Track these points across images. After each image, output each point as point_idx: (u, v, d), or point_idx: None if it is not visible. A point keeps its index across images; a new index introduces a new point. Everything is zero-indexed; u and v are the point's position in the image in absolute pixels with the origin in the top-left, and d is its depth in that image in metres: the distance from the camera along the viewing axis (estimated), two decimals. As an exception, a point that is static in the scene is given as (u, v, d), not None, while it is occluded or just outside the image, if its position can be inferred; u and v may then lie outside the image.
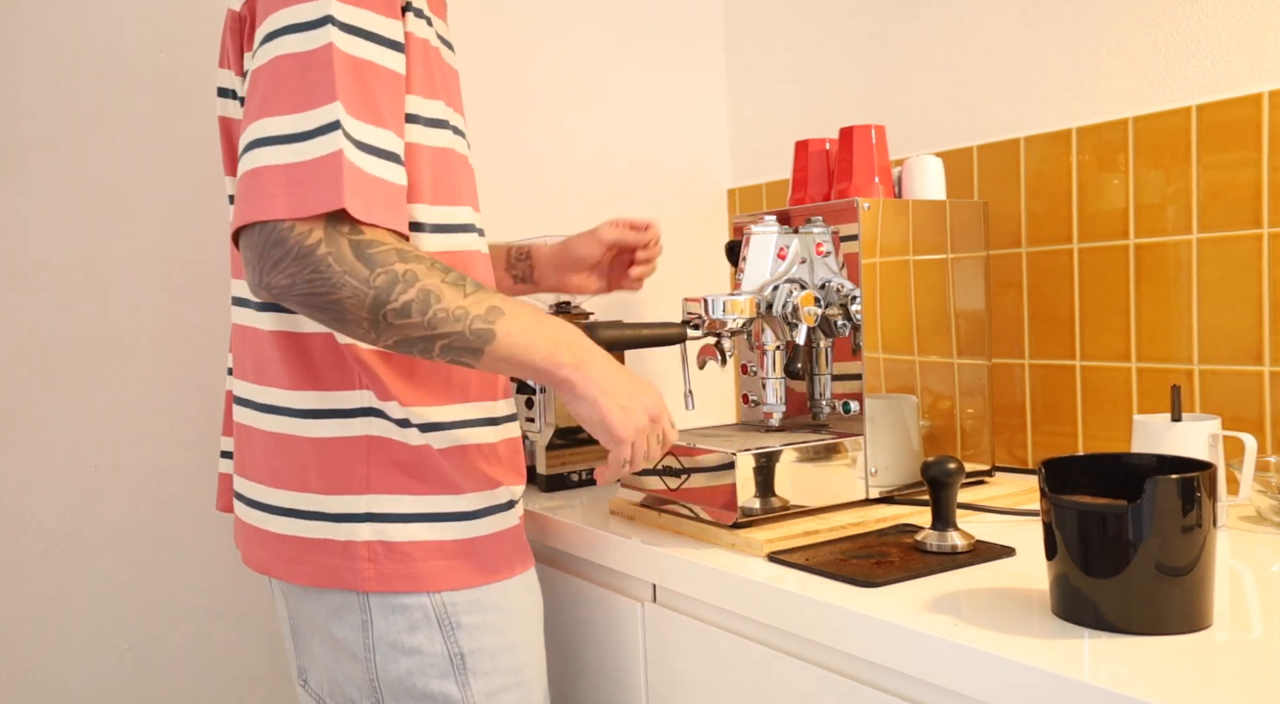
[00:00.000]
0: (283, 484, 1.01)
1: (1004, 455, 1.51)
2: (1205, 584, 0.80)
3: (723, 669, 1.07)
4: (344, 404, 0.99)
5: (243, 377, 1.06)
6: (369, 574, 0.98)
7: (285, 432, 1.01)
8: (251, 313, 1.04)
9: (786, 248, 1.26)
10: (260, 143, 0.87)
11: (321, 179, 0.85)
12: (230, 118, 1.08)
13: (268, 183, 0.85)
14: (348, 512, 0.99)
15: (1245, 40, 1.24)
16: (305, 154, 0.85)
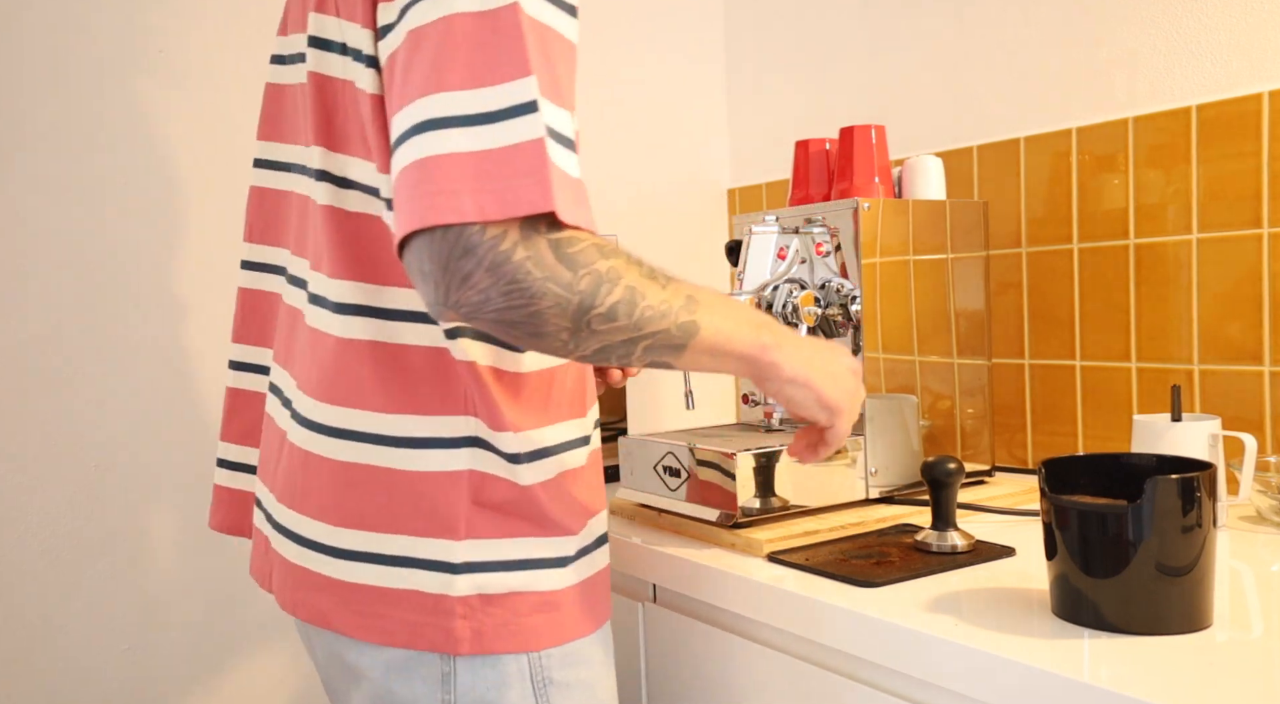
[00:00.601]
0: (361, 524, 0.84)
1: (1004, 455, 1.51)
2: (1205, 584, 0.80)
3: (723, 669, 1.07)
4: (448, 431, 0.83)
5: (307, 391, 0.88)
6: (463, 634, 0.83)
7: (372, 463, 0.84)
8: (325, 314, 0.86)
9: (786, 248, 1.26)
10: (435, 124, 0.69)
11: (520, 173, 0.69)
12: (285, 84, 0.97)
13: (451, 176, 0.68)
14: (444, 559, 0.83)
15: (1245, 40, 1.24)
16: (497, 140, 0.69)
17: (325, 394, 0.86)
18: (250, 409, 1.05)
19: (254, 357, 1.04)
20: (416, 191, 0.69)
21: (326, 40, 0.85)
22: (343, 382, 0.85)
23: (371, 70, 0.80)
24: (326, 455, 0.86)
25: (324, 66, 0.86)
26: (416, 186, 0.69)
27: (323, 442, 0.86)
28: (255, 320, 1.03)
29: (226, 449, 1.06)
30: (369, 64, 0.80)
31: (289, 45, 0.97)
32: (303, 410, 0.88)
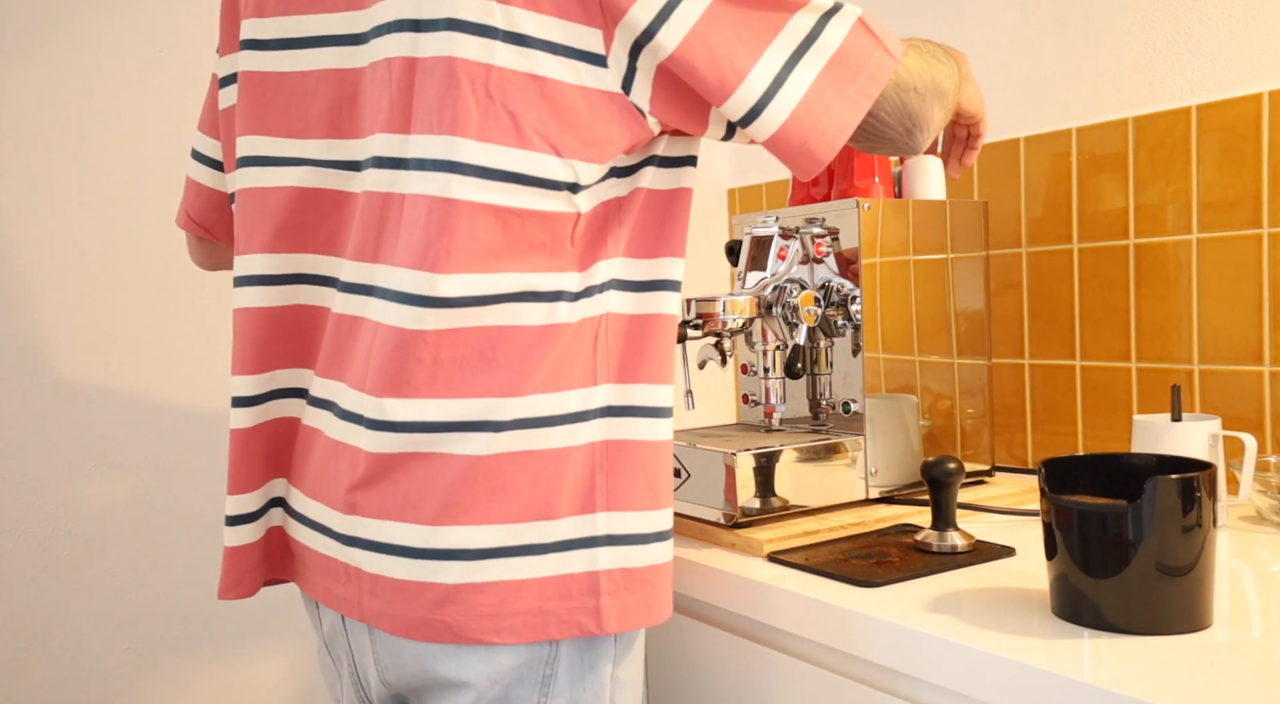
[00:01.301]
0: (491, 518, 0.80)
1: (1004, 455, 1.51)
2: (1205, 584, 0.80)
3: (723, 669, 1.07)
4: (580, 405, 0.83)
5: (402, 394, 0.82)
6: (609, 612, 0.81)
7: (496, 451, 0.81)
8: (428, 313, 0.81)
9: (786, 248, 1.26)
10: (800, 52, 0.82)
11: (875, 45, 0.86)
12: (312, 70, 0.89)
13: (858, 60, 0.84)
14: (586, 535, 0.81)
15: (1245, 40, 1.24)
16: (842, 32, 0.84)
17: (436, 390, 0.81)
18: (269, 440, 0.95)
19: (275, 382, 0.94)
20: (843, 89, 0.83)
21: (484, 26, 0.79)
22: (439, 372, 0.81)
23: (589, 66, 0.80)
24: (446, 452, 0.81)
25: (484, 54, 0.79)
26: (839, 85, 0.83)
27: (436, 439, 0.81)
28: (283, 341, 0.94)
29: (242, 502, 0.94)
30: (582, 58, 0.80)
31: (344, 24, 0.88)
32: (396, 415, 0.82)
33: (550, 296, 0.83)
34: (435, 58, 0.79)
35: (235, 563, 0.94)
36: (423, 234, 0.80)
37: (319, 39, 0.89)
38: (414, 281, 0.80)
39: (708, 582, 1.07)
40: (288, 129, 0.90)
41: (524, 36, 0.78)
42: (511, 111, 0.79)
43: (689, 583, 1.09)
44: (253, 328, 0.92)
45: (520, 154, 0.80)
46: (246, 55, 0.92)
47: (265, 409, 0.94)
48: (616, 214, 0.87)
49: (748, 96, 0.81)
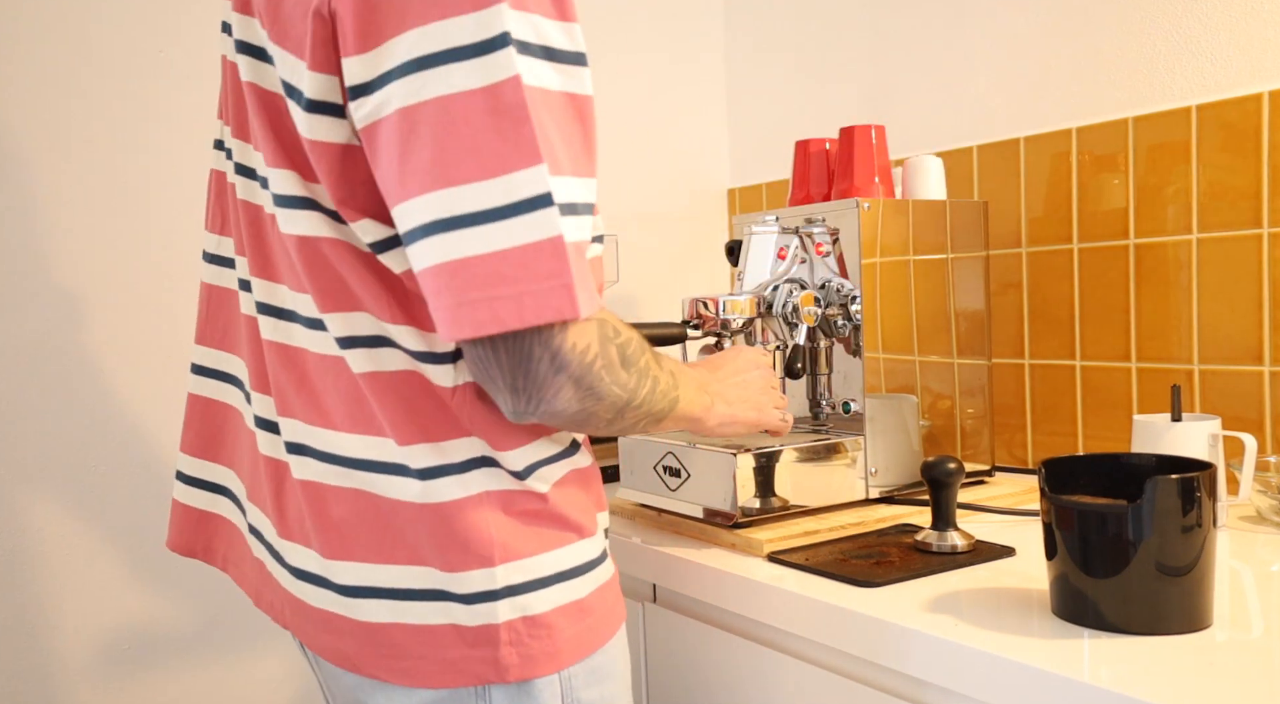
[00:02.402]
0: (385, 558, 0.79)
1: (1004, 455, 1.51)
2: (1205, 584, 0.80)
3: (723, 669, 1.07)
4: (456, 456, 0.79)
5: (293, 414, 0.82)
6: (510, 661, 0.78)
7: (392, 495, 0.79)
8: (317, 337, 0.81)
9: (786, 248, 1.26)
10: (450, 224, 0.68)
11: (543, 275, 0.68)
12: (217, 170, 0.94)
13: (481, 281, 0.67)
14: (484, 589, 0.78)
15: (1245, 40, 1.24)
16: (514, 238, 0.68)
17: (319, 418, 0.81)
18: (214, 419, 0.95)
19: (220, 363, 0.95)
20: (452, 299, 0.68)
21: (259, 49, 0.79)
22: (346, 408, 0.80)
23: (320, 117, 0.74)
24: (336, 485, 0.80)
25: (261, 78, 0.79)
26: (449, 292, 0.68)
27: (330, 470, 0.80)
28: (219, 320, 0.95)
29: (188, 463, 0.97)
30: (314, 110, 0.74)
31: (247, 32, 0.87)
32: (295, 436, 0.82)
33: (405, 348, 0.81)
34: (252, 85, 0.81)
35: (181, 519, 0.98)
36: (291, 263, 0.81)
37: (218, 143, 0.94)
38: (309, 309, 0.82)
39: (708, 582, 1.07)
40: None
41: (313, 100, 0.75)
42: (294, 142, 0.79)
43: (689, 583, 1.09)
44: (209, 303, 0.96)
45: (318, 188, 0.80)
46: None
47: (204, 384, 0.97)
48: None
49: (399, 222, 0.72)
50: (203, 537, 0.98)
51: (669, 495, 1.21)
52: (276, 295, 0.83)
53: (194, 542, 0.98)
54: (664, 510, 1.22)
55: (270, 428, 0.85)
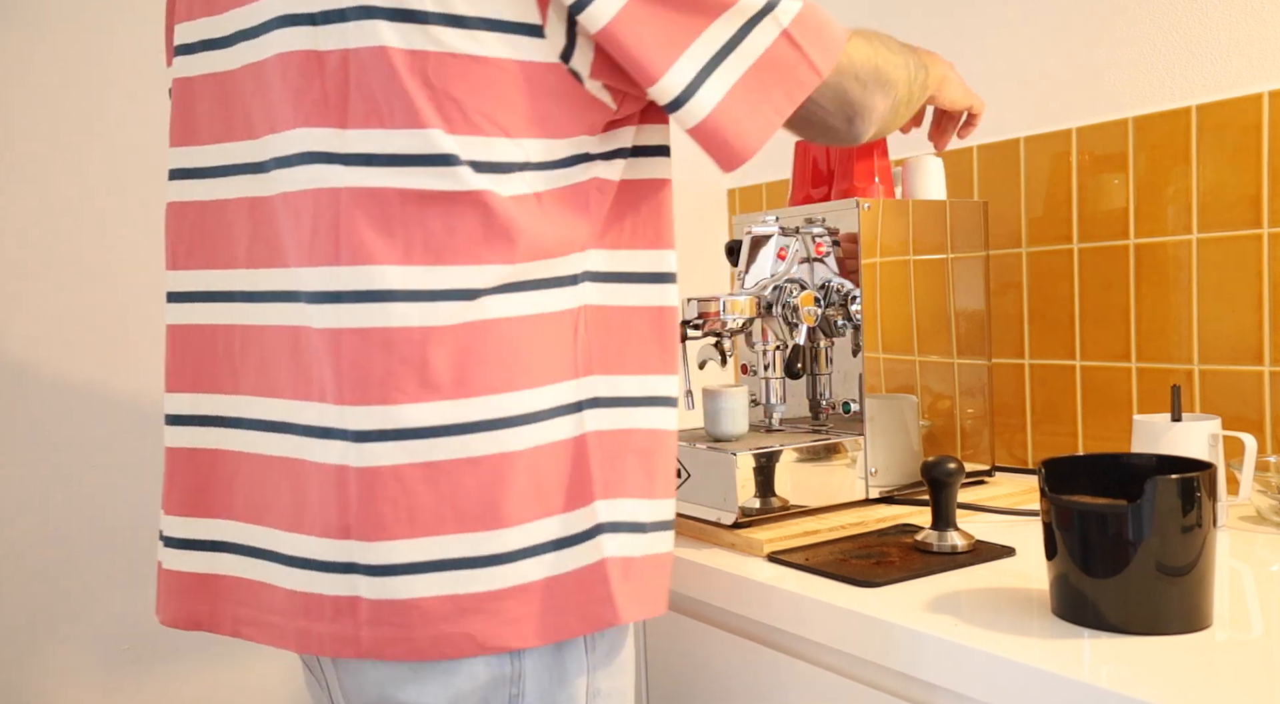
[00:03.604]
0: (537, 514, 0.79)
1: (1004, 455, 1.51)
2: (1205, 584, 0.80)
3: (723, 669, 1.07)
4: (569, 396, 0.82)
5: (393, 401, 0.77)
6: (625, 595, 0.81)
7: (499, 450, 0.78)
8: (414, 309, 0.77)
9: (786, 248, 1.26)
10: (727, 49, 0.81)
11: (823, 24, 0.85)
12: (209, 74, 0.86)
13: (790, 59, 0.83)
14: (588, 527, 0.81)
15: (1245, 40, 1.24)
16: (788, 14, 0.82)
17: (434, 393, 0.77)
18: (202, 469, 0.88)
19: (202, 406, 0.88)
20: (767, 86, 0.82)
21: (409, 10, 0.76)
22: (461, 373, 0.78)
23: (527, 38, 0.78)
24: (442, 459, 0.77)
25: (418, 40, 0.76)
26: (765, 87, 0.82)
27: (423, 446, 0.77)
28: (191, 361, 0.88)
29: (177, 523, 0.89)
30: (520, 31, 0.77)
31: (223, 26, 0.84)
32: (390, 424, 0.77)
33: (526, 286, 0.80)
34: (359, 48, 0.76)
35: (176, 589, 0.89)
36: (414, 229, 0.77)
37: (206, 43, 0.86)
38: (408, 278, 0.77)
39: (708, 582, 1.07)
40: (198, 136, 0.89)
41: (460, 17, 0.76)
42: (455, 97, 0.77)
43: (689, 583, 1.09)
44: (178, 346, 0.89)
45: (475, 141, 0.77)
46: (180, 62, 0.90)
47: (191, 434, 0.89)
48: (586, 203, 0.84)
49: (668, 89, 0.80)
50: (205, 603, 0.88)
51: (669, 495, 1.21)
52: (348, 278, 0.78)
53: (196, 611, 0.88)
54: (664, 510, 1.22)
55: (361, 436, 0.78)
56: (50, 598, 1.43)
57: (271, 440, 0.83)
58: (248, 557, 0.86)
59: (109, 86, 1.46)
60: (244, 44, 0.83)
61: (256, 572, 0.85)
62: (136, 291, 1.48)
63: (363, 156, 0.77)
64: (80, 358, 1.44)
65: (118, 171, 1.46)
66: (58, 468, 1.43)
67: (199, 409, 0.88)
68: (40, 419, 1.42)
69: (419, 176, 0.77)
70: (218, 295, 0.86)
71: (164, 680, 1.50)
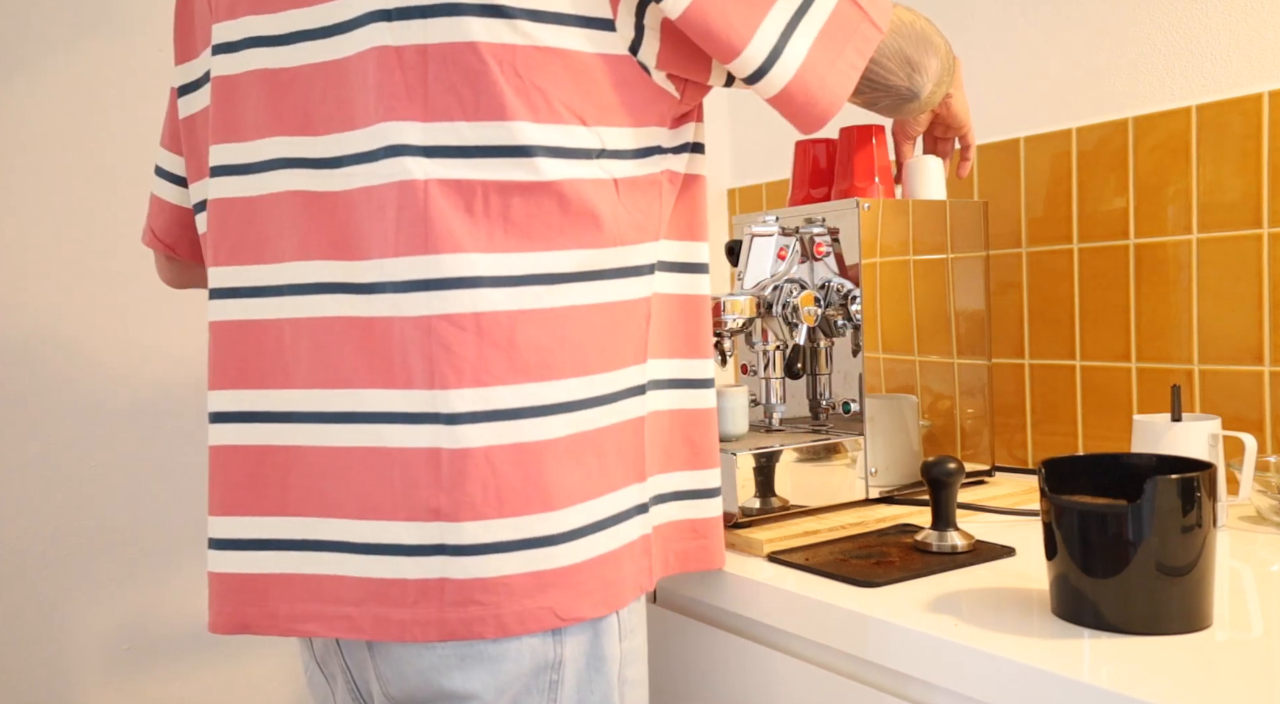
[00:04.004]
0: (597, 491, 0.84)
1: (1004, 455, 1.51)
2: (1205, 584, 0.80)
3: (723, 669, 1.07)
4: (640, 378, 0.89)
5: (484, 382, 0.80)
6: (658, 567, 0.91)
7: (584, 429, 0.84)
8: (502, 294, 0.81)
9: (786, 248, 1.26)
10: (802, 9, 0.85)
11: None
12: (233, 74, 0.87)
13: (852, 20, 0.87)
14: (644, 500, 0.90)
15: (1245, 40, 1.24)
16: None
17: (521, 375, 0.81)
18: (253, 466, 0.87)
19: (253, 403, 0.87)
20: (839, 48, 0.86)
21: (494, 6, 0.78)
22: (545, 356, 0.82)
23: (599, 32, 0.83)
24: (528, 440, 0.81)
25: (505, 34, 0.79)
26: (835, 47, 0.86)
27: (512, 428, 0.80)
28: (239, 359, 0.88)
29: (228, 524, 0.88)
30: (593, 25, 0.82)
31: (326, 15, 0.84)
32: (482, 405, 0.80)
33: (606, 274, 0.86)
34: (449, 43, 0.79)
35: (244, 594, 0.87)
36: (496, 217, 0.81)
37: (254, 40, 0.87)
38: (504, 265, 0.80)
39: (708, 582, 1.07)
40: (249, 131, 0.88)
41: (541, 12, 0.80)
42: (540, 87, 0.80)
43: (689, 583, 1.09)
44: (222, 342, 0.89)
45: (556, 129, 0.81)
46: (219, 60, 0.89)
47: (240, 431, 0.88)
48: (659, 194, 0.89)
49: (753, 58, 0.84)
50: (254, 605, 0.86)
51: (669, 495, 1.21)
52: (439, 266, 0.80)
53: (244, 613, 0.87)
54: (664, 510, 1.22)
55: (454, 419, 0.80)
56: (50, 598, 1.43)
57: (336, 431, 0.83)
58: (306, 551, 0.85)
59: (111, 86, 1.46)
60: (309, 43, 0.84)
61: (316, 565, 0.85)
62: (137, 291, 1.48)
63: (447, 149, 0.80)
64: (80, 358, 1.44)
65: (119, 171, 1.46)
66: (58, 468, 1.43)
67: (245, 406, 0.87)
68: (40, 419, 1.42)
69: (502, 168, 0.80)
70: (264, 290, 0.87)
71: (164, 680, 1.50)
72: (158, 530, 1.49)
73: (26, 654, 1.41)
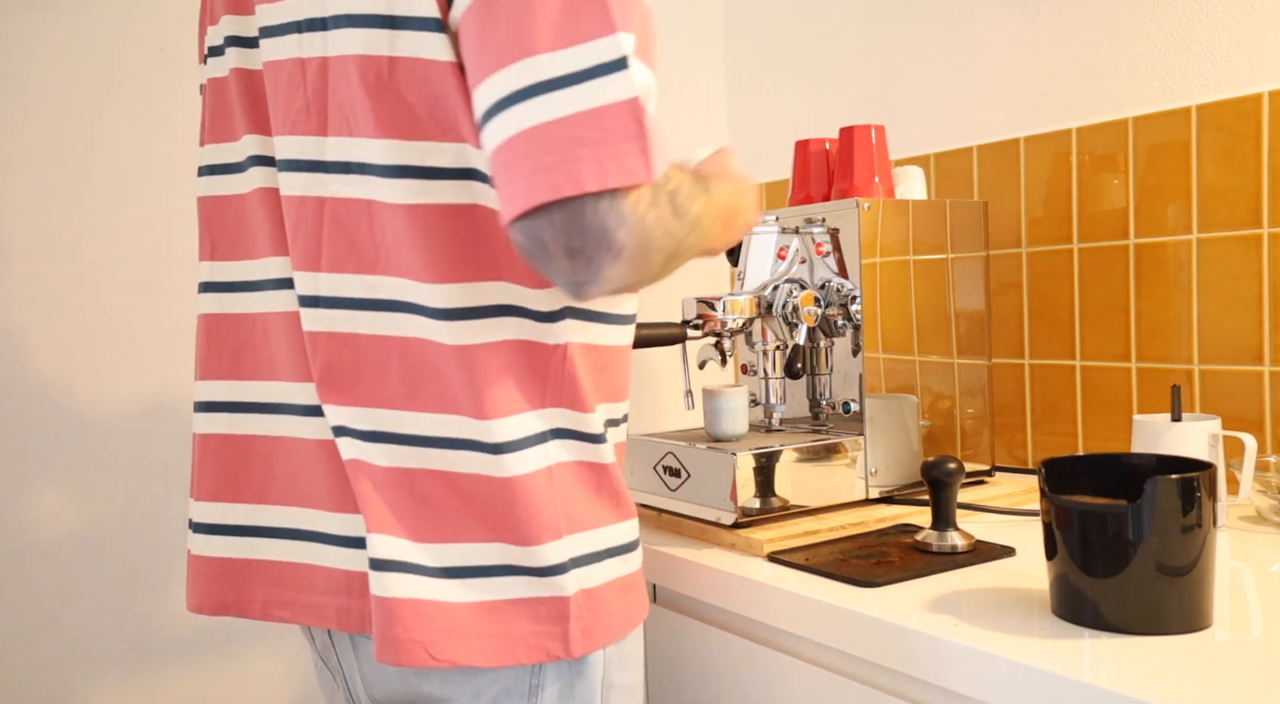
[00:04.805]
0: (463, 537, 0.79)
1: (1004, 455, 1.51)
2: (1205, 584, 0.80)
3: (723, 669, 1.07)
4: (537, 427, 0.79)
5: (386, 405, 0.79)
6: (577, 636, 0.79)
7: (476, 471, 0.78)
8: (420, 321, 0.78)
9: (786, 248, 1.26)
10: (529, 92, 0.67)
11: (624, 137, 0.68)
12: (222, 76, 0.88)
13: (563, 144, 0.67)
14: (554, 562, 0.79)
15: (1245, 40, 1.24)
16: (594, 99, 0.67)
17: (404, 399, 0.79)
18: (235, 455, 0.89)
19: (236, 393, 0.89)
20: (533, 164, 0.67)
21: (366, 17, 0.76)
22: (439, 390, 0.79)
23: (440, 35, 0.74)
24: (403, 467, 0.79)
25: (369, 47, 0.76)
26: (532, 158, 0.67)
27: (395, 452, 0.79)
28: (227, 350, 0.90)
29: (207, 509, 0.90)
30: (436, 29, 0.74)
31: (249, 26, 0.86)
32: (378, 426, 0.80)
33: (515, 310, 0.79)
34: (340, 57, 0.77)
35: (214, 575, 0.90)
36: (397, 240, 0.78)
37: (227, 40, 0.88)
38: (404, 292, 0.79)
39: (708, 582, 1.07)
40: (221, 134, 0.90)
41: (403, 18, 0.75)
42: (411, 103, 0.76)
43: (689, 583, 1.09)
44: (210, 334, 0.91)
45: (436, 147, 0.77)
46: (211, 64, 0.92)
47: (216, 420, 0.90)
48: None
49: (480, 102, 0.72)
50: (234, 588, 0.89)
51: (669, 495, 1.21)
52: (348, 286, 0.80)
53: (223, 596, 0.90)
54: (664, 510, 1.22)
55: (341, 431, 0.81)
56: (49, 598, 1.43)
57: (315, 425, 0.83)
58: (285, 539, 0.87)
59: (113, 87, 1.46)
60: (266, 41, 0.84)
61: (294, 553, 0.86)
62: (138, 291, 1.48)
63: (403, 169, 0.77)
64: (80, 357, 1.44)
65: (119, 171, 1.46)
66: (58, 468, 1.43)
67: (233, 396, 0.89)
68: (40, 419, 1.42)
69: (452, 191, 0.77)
70: (247, 285, 0.88)
71: (163, 679, 1.50)
72: (158, 530, 1.49)
73: (26, 654, 1.41)
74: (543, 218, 0.67)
